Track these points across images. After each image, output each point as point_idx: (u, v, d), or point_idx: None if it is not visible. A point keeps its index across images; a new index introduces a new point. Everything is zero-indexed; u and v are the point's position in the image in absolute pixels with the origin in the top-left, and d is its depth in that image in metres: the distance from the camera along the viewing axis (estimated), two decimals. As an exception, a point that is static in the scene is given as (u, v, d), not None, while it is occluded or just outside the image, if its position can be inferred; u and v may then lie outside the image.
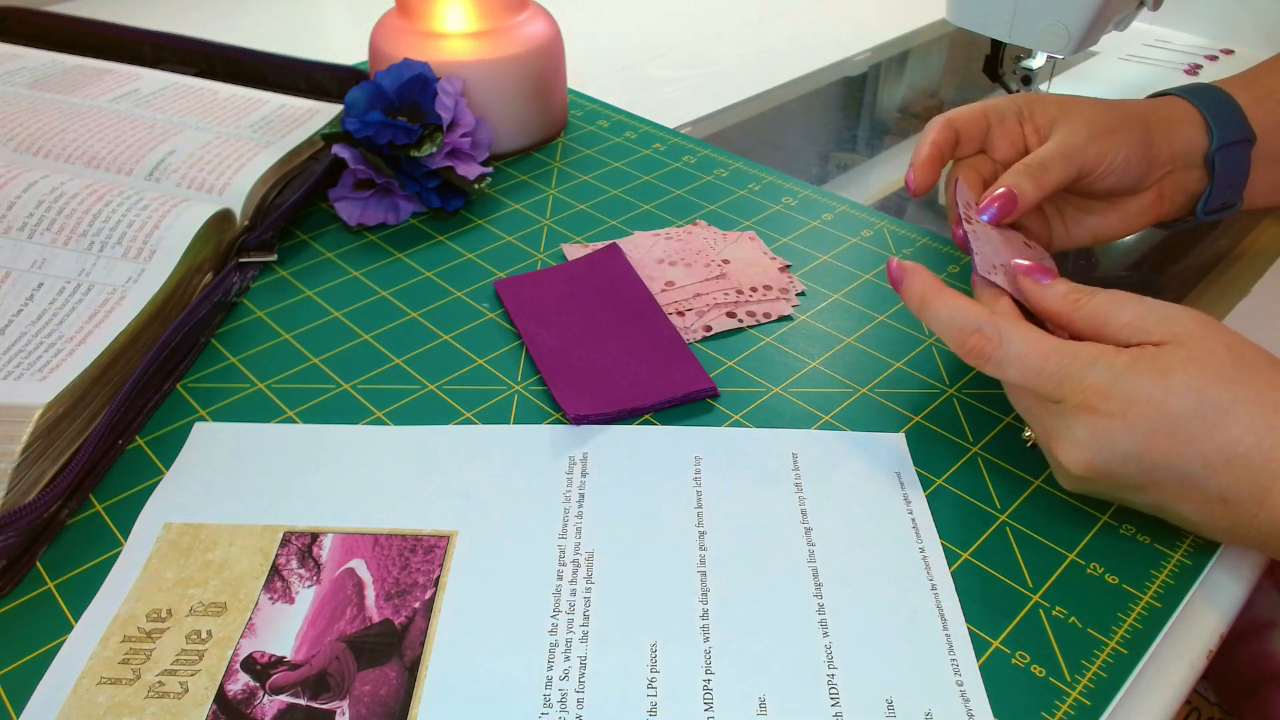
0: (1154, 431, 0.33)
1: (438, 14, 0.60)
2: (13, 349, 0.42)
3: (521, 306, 0.49)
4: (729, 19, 0.92)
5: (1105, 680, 0.32)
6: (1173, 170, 0.47)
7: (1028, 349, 0.34)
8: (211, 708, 0.31)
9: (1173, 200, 0.48)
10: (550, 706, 0.31)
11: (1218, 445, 0.32)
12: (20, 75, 0.62)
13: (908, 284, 0.38)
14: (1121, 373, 0.33)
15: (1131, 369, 0.33)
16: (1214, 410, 0.32)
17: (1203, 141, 0.46)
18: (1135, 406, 0.33)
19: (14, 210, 0.47)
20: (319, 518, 0.38)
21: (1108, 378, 0.33)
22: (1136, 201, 0.47)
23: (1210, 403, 0.32)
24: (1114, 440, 0.33)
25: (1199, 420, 0.32)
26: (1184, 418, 0.32)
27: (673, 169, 0.63)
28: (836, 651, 0.33)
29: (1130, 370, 0.33)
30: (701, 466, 0.40)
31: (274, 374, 0.45)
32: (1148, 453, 0.33)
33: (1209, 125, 0.46)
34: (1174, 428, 0.32)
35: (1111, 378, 0.33)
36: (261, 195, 0.54)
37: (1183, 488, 0.33)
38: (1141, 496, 0.35)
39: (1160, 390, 0.32)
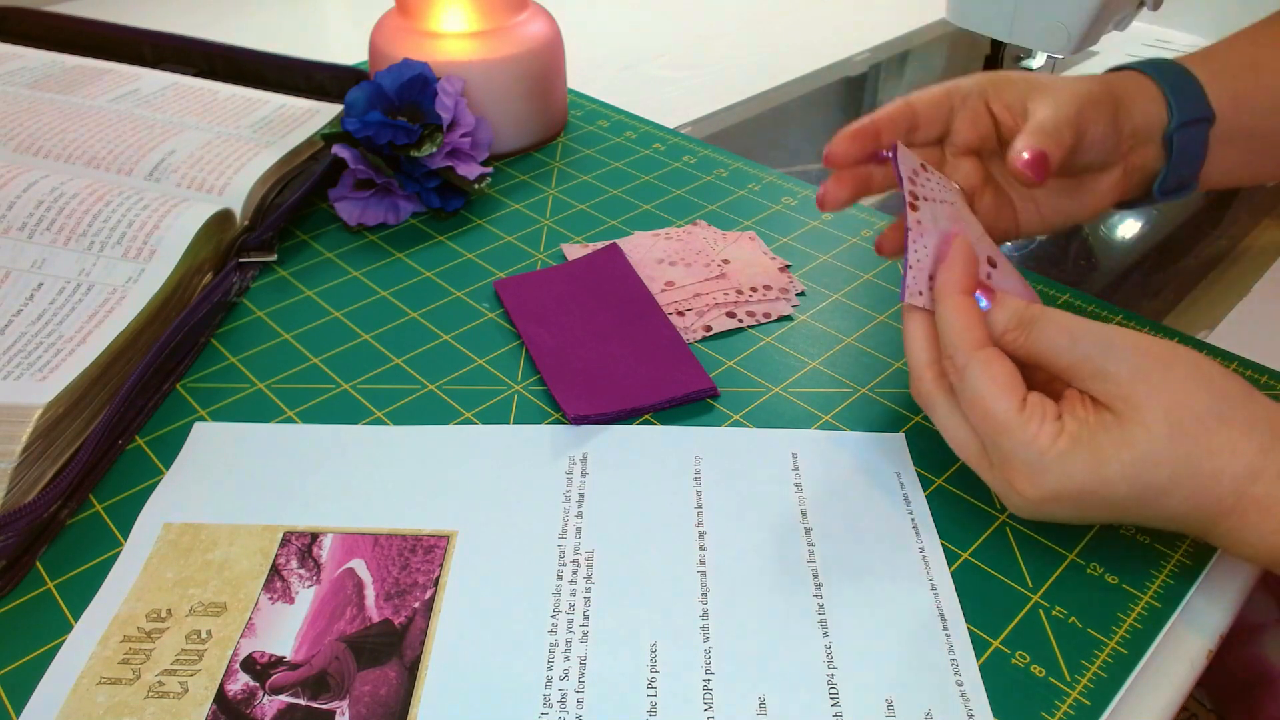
0: (1091, 509, 0.34)
1: (438, 14, 0.60)
2: (13, 349, 0.42)
3: (521, 306, 0.49)
4: (729, 19, 0.92)
5: (1105, 680, 0.32)
6: (1134, 146, 0.45)
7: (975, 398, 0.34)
8: (211, 708, 0.31)
9: (1131, 179, 0.46)
10: (550, 706, 0.31)
11: (1157, 513, 0.33)
12: (20, 75, 0.62)
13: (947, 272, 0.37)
14: (1053, 463, 0.33)
15: (1066, 458, 0.32)
16: (1149, 491, 0.32)
17: (1162, 118, 0.45)
18: (1066, 495, 0.33)
19: (14, 210, 0.47)
20: (319, 518, 0.38)
21: (1039, 466, 0.33)
22: (1106, 178, 0.46)
23: (1145, 485, 0.32)
24: (1051, 512, 0.34)
25: (1134, 501, 0.33)
26: (1118, 500, 0.33)
27: (673, 169, 0.63)
28: (836, 651, 0.33)
29: (1064, 460, 0.32)
30: (701, 466, 0.40)
31: (274, 374, 0.45)
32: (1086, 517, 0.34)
33: (1169, 102, 0.44)
34: (1111, 507, 0.33)
35: (1042, 467, 0.33)
36: (261, 195, 0.54)
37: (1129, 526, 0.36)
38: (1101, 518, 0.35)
39: (1094, 482, 0.32)
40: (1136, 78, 0.45)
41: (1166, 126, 0.44)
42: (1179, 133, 0.44)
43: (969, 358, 0.34)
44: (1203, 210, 0.68)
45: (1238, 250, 0.62)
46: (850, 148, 0.42)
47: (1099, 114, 0.42)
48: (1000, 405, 0.33)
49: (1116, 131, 0.44)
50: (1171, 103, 0.44)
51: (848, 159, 0.42)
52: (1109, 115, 0.43)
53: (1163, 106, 0.44)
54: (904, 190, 0.39)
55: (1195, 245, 0.64)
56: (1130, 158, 0.45)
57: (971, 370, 0.34)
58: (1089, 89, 0.43)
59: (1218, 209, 0.69)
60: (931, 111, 0.43)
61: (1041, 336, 0.35)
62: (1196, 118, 0.44)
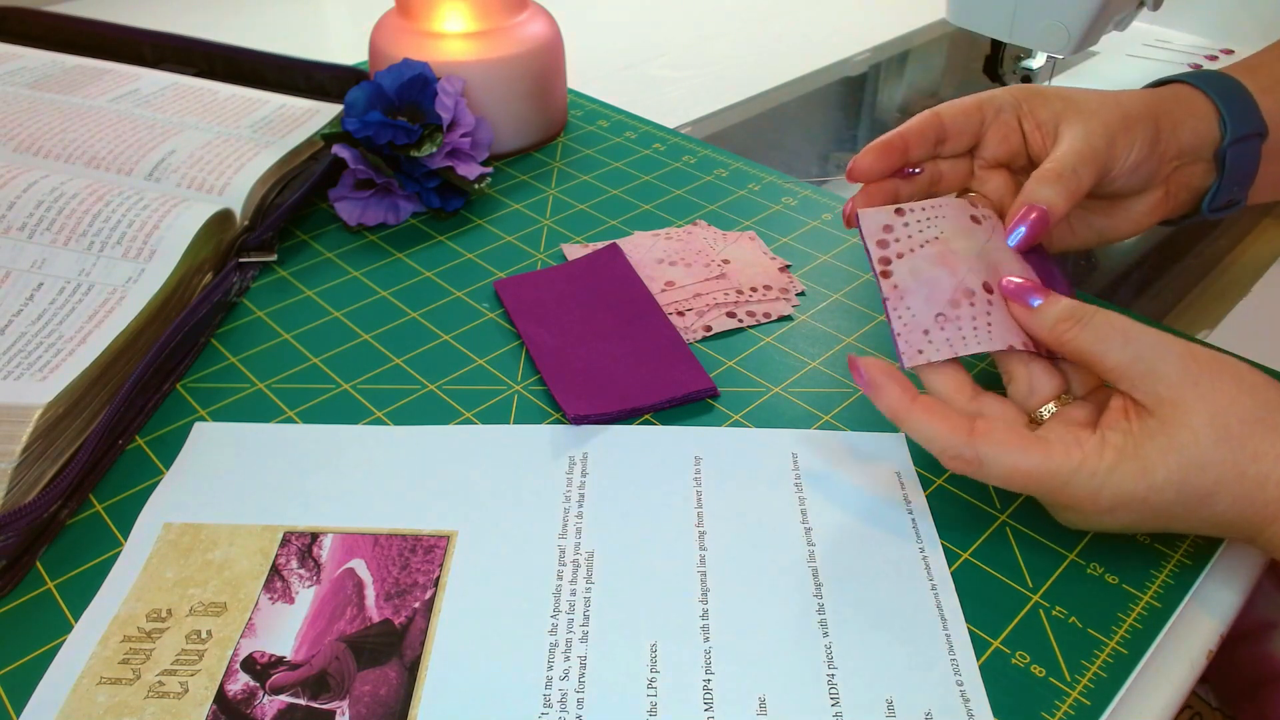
0: (1141, 518, 0.34)
1: (438, 14, 0.60)
2: (13, 349, 0.42)
3: (521, 306, 0.49)
4: (729, 19, 0.92)
5: (1105, 680, 0.32)
6: (1179, 166, 0.44)
7: (1009, 472, 0.34)
8: (211, 708, 0.31)
9: (1177, 197, 0.45)
10: (550, 706, 0.31)
11: (1204, 518, 0.33)
12: (20, 75, 0.62)
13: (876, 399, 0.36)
14: (1105, 480, 0.33)
15: (1115, 472, 0.33)
16: (1195, 496, 0.33)
17: (1213, 135, 0.43)
18: (1120, 505, 0.33)
19: (14, 210, 0.47)
20: (319, 518, 0.38)
21: (1091, 487, 0.33)
22: (1143, 201, 0.44)
23: (1191, 490, 0.32)
24: (1103, 523, 0.35)
25: (1182, 506, 0.33)
26: (1166, 506, 0.33)
27: (673, 169, 0.63)
28: (836, 651, 0.33)
29: (1113, 474, 0.33)
30: (701, 466, 0.40)
31: (274, 374, 0.45)
32: (1137, 525, 0.35)
33: (1222, 118, 0.43)
34: (1158, 514, 0.33)
35: (1095, 486, 0.33)
36: (261, 195, 0.54)
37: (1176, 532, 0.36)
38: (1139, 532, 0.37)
39: (1143, 489, 0.33)
40: (1187, 93, 0.44)
41: (1219, 143, 0.43)
42: (1233, 148, 0.43)
43: (972, 447, 0.34)
44: (1203, 210, 0.68)
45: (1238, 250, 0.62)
46: (877, 163, 0.41)
47: (1134, 139, 0.41)
48: (1033, 461, 0.33)
49: (1156, 155, 0.42)
50: (1225, 118, 0.43)
51: (874, 174, 0.41)
52: (1148, 139, 0.41)
53: (1214, 123, 0.43)
54: (872, 261, 0.38)
55: (1195, 245, 0.64)
56: (1174, 177, 0.44)
57: (984, 453, 0.34)
58: (1127, 111, 0.41)
59: (1218, 209, 0.68)
60: (961, 123, 0.42)
61: (1095, 332, 0.34)
62: (1250, 133, 0.43)
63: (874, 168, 0.41)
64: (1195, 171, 0.44)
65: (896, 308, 0.37)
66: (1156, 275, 0.64)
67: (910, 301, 0.37)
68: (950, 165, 0.45)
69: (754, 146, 0.74)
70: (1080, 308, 0.35)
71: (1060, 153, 0.40)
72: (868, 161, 0.41)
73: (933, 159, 0.44)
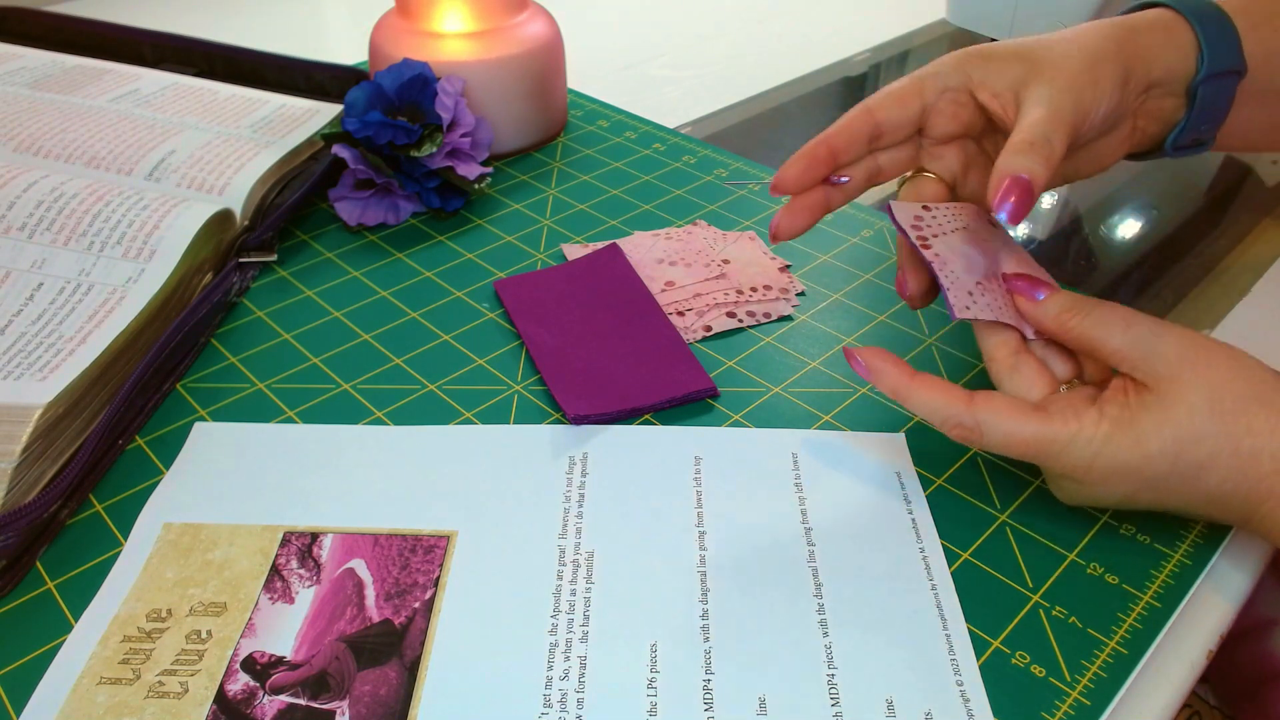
0: (1135, 489, 0.35)
1: (438, 14, 0.60)
2: (13, 349, 0.42)
3: (521, 306, 0.49)
4: (729, 19, 0.92)
5: (1105, 680, 0.32)
6: (1149, 98, 0.41)
7: (1008, 439, 0.35)
8: (211, 708, 0.31)
9: (1145, 130, 0.43)
10: (550, 706, 0.31)
11: (1198, 492, 0.34)
12: (20, 75, 0.62)
13: (877, 381, 0.38)
14: (1100, 448, 0.34)
15: (1110, 443, 0.34)
16: (1190, 468, 0.33)
17: (1187, 67, 0.40)
18: (1115, 475, 0.34)
19: (14, 210, 0.47)
20: (319, 518, 0.38)
21: (1086, 455, 0.34)
22: (1110, 137, 0.42)
23: (1186, 462, 0.33)
24: (1099, 495, 0.36)
25: (1177, 479, 0.34)
26: (1161, 477, 0.34)
27: (673, 169, 0.63)
28: (836, 651, 0.33)
29: (1108, 444, 0.34)
30: (701, 466, 0.40)
31: (274, 374, 0.45)
32: (1132, 498, 0.35)
33: (1201, 49, 0.40)
34: (1154, 486, 0.34)
35: (1090, 455, 0.34)
36: (261, 195, 0.54)
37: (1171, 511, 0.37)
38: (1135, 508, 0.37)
39: (1137, 459, 0.34)
40: (1167, 19, 0.41)
41: (1193, 77, 0.41)
42: (1205, 84, 0.41)
43: (972, 414, 0.35)
44: (1203, 210, 0.68)
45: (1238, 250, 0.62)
46: (804, 174, 0.40)
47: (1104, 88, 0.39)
48: (1030, 429, 0.34)
49: (1126, 94, 0.40)
50: (1204, 50, 0.40)
51: (800, 185, 0.40)
52: (1118, 81, 0.39)
53: (1191, 55, 0.40)
54: (909, 239, 0.39)
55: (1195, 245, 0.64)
56: (1143, 110, 0.42)
57: (983, 419, 0.35)
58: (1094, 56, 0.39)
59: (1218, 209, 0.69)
60: (897, 115, 0.40)
61: (1097, 319, 0.36)
62: (1226, 69, 0.41)
63: (800, 180, 0.40)
64: (1166, 105, 0.42)
65: (942, 269, 0.38)
66: (1156, 275, 0.64)
67: (952, 266, 0.38)
68: (889, 156, 0.42)
69: (754, 146, 0.74)
70: (1082, 299, 0.37)
71: (1030, 120, 0.37)
72: (794, 173, 0.39)
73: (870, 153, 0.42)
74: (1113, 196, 0.68)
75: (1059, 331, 0.36)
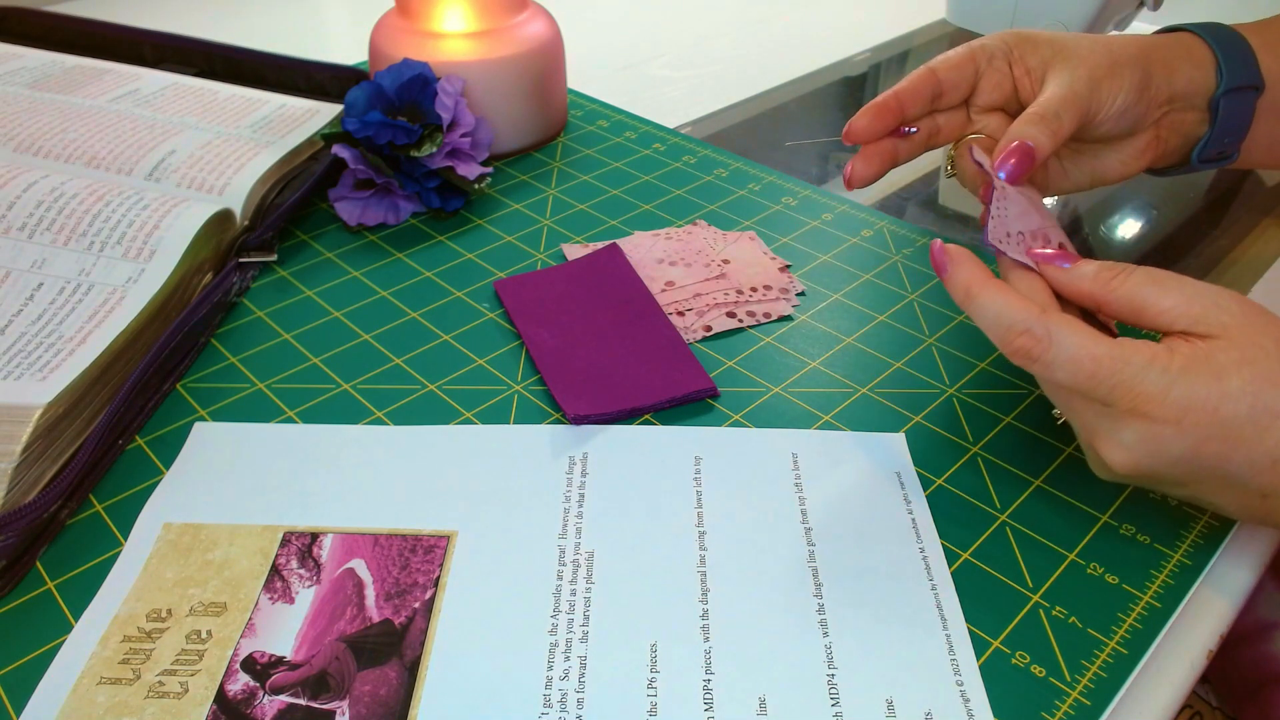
0: (1206, 437, 0.32)
1: (438, 14, 0.60)
2: (13, 349, 0.42)
3: (521, 306, 0.49)
4: (729, 19, 0.92)
5: (1105, 680, 0.32)
6: (1170, 111, 0.44)
7: (1080, 353, 0.32)
8: (211, 708, 0.31)
9: (1168, 143, 0.45)
10: (550, 706, 0.31)
11: (1266, 448, 0.31)
12: (20, 75, 0.62)
13: (953, 272, 0.35)
14: (1177, 378, 0.31)
15: (1187, 373, 0.31)
16: (1265, 414, 0.31)
17: (1208, 82, 0.43)
18: (1190, 413, 0.31)
19: (14, 210, 0.47)
20: (319, 518, 0.38)
21: (1163, 384, 0.31)
22: (1133, 144, 0.45)
23: (1263, 407, 0.31)
24: (1165, 446, 0.32)
25: (1251, 424, 0.31)
26: (1237, 422, 0.31)
27: (673, 169, 0.63)
28: (836, 651, 0.33)
29: (1186, 374, 0.31)
30: (701, 466, 0.40)
31: (274, 374, 0.45)
32: (1197, 456, 0.32)
33: (1219, 65, 0.43)
34: (1226, 432, 0.31)
35: (1167, 383, 0.31)
36: (261, 195, 0.54)
37: (1226, 486, 0.33)
38: (1180, 490, 0.35)
39: (1216, 394, 0.31)
40: (1186, 40, 0.44)
41: (1213, 91, 0.43)
42: (1225, 98, 0.43)
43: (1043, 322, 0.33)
44: (1203, 210, 0.68)
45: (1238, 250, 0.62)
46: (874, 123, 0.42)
47: (1121, 85, 0.41)
48: (1104, 347, 0.32)
49: (1145, 100, 0.42)
50: (1221, 66, 0.43)
51: (871, 134, 0.42)
52: (1133, 86, 0.42)
53: (1211, 71, 0.43)
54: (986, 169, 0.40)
55: (1195, 245, 0.64)
56: (1165, 121, 0.44)
57: (1056, 330, 0.32)
58: (1116, 57, 0.41)
59: (1218, 209, 0.69)
60: (955, 77, 0.43)
61: (1146, 277, 0.34)
62: (1245, 84, 0.43)
63: (870, 128, 0.42)
64: (1188, 119, 0.44)
65: (998, 201, 0.38)
66: (1156, 275, 0.64)
67: (1009, 206, 0.38)
68: (946, 117, 0.46)
69: (754, 146, 0.74)
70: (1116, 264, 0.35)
71: (1045, 97, 0.41)
72: (864, 123, 0.42)
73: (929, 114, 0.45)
74: (1113, 196, 0.68)
75: (1101, 293, 0.34)
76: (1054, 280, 0.36)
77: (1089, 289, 0.35)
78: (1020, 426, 0.43)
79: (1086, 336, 0.32)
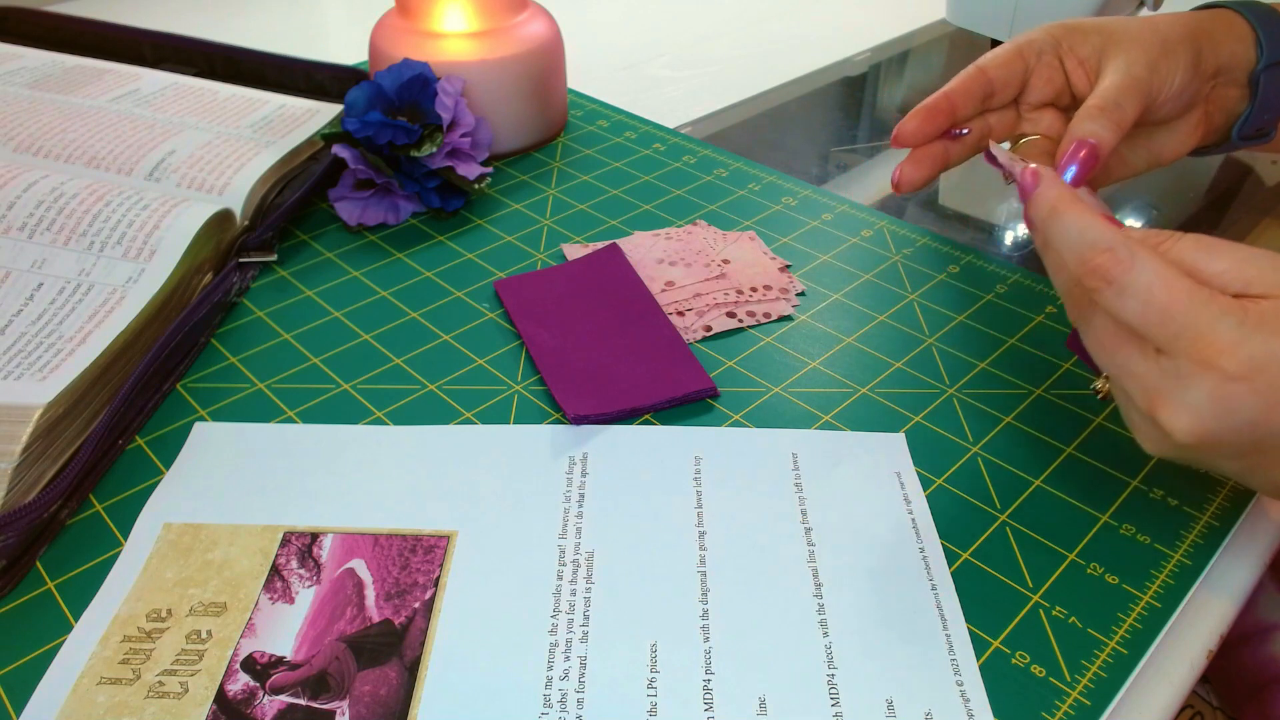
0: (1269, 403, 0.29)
1: (438, 14, 0.60)
2: (13, 349, 0.42)
3: (521, 306, 0.49)
4: (729, 19, 0.92)
5: (1105, 680, 0.32)
6: (1216, 85, 0.44)
7: (1159, 281, 0.29)
8: (211, 708, 0.31)
9: (1213, 120, 0.45)
10: (550, 706, 0.31)
11: None
12: (20, 75, 0.62)
13: (1042, 189, 0.33)
14: (1253, 331, 0.29)
15: (1263, 326, 0.29)
16: None
17: (1249, 57, 0.43)
18: (1263, 372, 0.29)
19: (14, 210, 0.47)
20: (319, 518, 0.38)
21: (1239, 334, 0.29)
22: (1187, 122, 0.45)
23: None
24: (1235, 406, 0.29)
25: None
26: None
27: (673, 169, 0.63)
28: (836, 651, 0.33)
29: (1262, 328, 0.29)
30: (701, 466, 0.40)
31: (274, 374, 0.45)
32: (1267, 420, 0.29)
33: (1259, 39, 0.43)
34: None
35: (1243, 335, 0.29)
36: (261, 195, 0.54)
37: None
38: (1236, 464, 0.32)
39: None
40: (1226, 15, 0.44)
41: (1254, 66, 0.43)
42: (1266, 73, 0.43)
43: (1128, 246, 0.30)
44: (1203, 210, 0.68)
45: (1238, 250, 0.62)
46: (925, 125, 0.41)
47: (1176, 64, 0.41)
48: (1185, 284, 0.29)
49: (1198, 76, 0.42)
50: (1262, 39, 0.43)
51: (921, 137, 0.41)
52: (1190, 61, 0.41)
53: (1251, 45, 0.43)
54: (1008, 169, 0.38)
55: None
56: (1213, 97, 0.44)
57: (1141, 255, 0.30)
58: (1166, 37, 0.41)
59: (1218, 209, 0.69)
60: (1005, 75, 0.42)
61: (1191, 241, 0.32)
62: None
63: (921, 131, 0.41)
64: (1230, 95, 0.44)
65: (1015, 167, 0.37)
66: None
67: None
68: (997, 117, 0.45)
69: (754, 146, 0.74)
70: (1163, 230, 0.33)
71: (1104, 87, 0.40)
72: (913, 126, 0.41)
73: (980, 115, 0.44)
74: (1113, 197, 0.68)
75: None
76: None
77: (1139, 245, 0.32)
78: (1020, 426, 0.43)
79: (1168, 268, 0.30)
